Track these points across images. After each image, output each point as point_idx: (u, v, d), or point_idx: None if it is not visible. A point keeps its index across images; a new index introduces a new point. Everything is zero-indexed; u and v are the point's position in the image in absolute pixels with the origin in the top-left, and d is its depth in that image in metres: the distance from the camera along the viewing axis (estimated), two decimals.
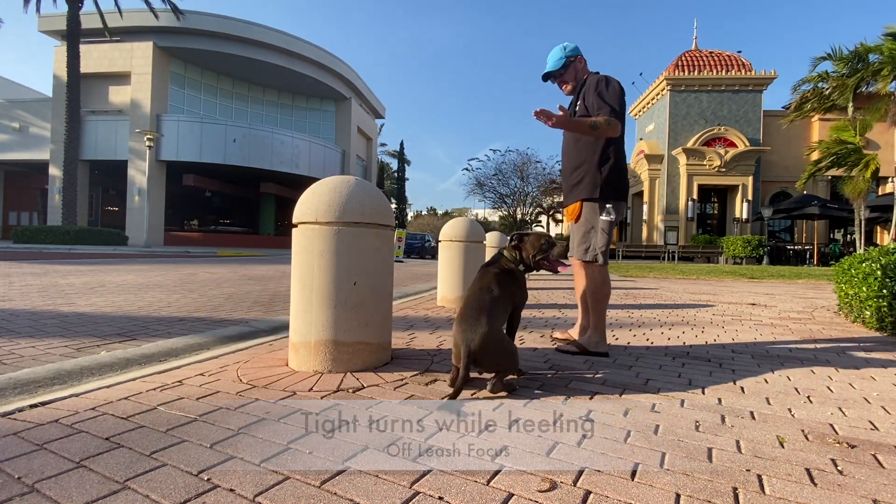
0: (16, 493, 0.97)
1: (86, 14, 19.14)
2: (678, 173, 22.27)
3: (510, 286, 1.89)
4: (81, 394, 1.57)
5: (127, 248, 17.15)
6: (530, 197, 36.01)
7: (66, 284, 5.21)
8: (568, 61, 2.50)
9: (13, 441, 1.21)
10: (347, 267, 1.92)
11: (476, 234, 4.37)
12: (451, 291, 4.25)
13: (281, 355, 2.15)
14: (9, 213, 26.63)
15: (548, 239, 1.99)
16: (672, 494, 1.03)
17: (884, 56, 11.76)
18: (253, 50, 22.95)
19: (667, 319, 3.75)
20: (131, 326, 3.01)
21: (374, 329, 2.01)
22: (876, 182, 14.20)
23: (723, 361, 2.34)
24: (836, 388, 1.92)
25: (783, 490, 1.06)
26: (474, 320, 1.67)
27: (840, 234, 24.23)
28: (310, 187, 2.01)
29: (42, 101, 22.31)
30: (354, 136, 29.38)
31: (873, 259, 3.53)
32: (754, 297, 5.81)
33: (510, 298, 1.88)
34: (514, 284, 1.91)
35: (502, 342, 1.71)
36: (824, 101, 13.65)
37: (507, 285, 1.87)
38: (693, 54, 22.81)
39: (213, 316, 3.52)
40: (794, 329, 3.40)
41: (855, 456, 1.26)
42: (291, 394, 1.63)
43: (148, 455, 1.15)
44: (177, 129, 21.34)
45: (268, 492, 1.00)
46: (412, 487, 1.03)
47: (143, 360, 2.18)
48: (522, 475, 1.10)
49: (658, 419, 1.49)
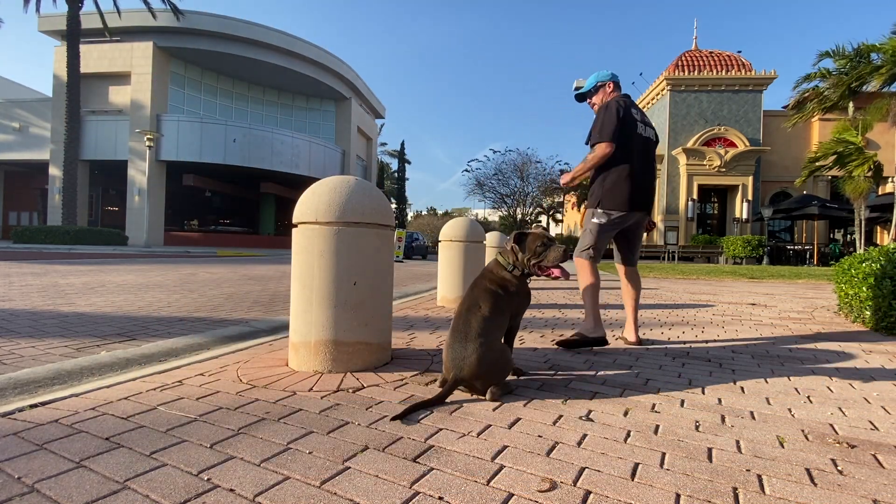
0: (16, 493, 0.97)
1: (86, 14, 19.15)
2: (678, 173, 22.27)
3: (503, 298, 1.75)
4: (81, 394, 1.57)
5: (127, 248, 17.15)
6: (530, 197, 35.99)
7: (66, 284, 5.21)
8: (598, 86, 2.81)
9: (13, 441, 1.21)
10: (347, 267, 1.92)
11: (476, 234, 4.37)
12: (451, 291, 4.26)
13: (281, 355, 2.15)
14: (9, 213, 26.63)
15: (544, 241, 1.82)
16: (672, 494, 1.03)
17: (886, 55, 11.75)
18: (253, 50, 22.96)
19: (667, 319, 3.75)
20: (131, 326, 3.01)
21: (374, 329, 2.01)
22: (876, 182, 14.17)
23: (723, 361, 2.34)
24: (836, 388, 1.92)
25: (783, 490, 1.06)
26: (461, 346, 1.60)
27: (840, 234, 24.23)
28: (310, 187, 2.01)
29: (42, 101, 22.32)
30: (354, 136, 29.38)
31: (873, 259, 3.53)
32: (754, 297, 5.81)
33: (505, 310, 1.75)
34: (507, 294, 1.77)
35: (493, 363, 1.61)
36: (824, 101, 13.64)
37: (499, 298, 1.74)
38: (693, 54, 22.81)
39: (213, 316, 3.52)
40: (794, 329, 3.40)
41: (855, 456, 1.26)
42: (291, 394, 1.63)
43: (148, 455, 1.15)
44: (177, 129, 21.35)
45: (268, 492, 1.00)
46: (412, 487, 1.03)
47: (143, 360, 2.18)
48: (522, 475, 1.10)
49: (658, 419, 1.49)
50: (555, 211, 39.96)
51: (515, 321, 1.87)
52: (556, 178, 35.86)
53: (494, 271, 1.84)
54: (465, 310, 1.70)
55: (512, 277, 1.82)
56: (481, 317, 1.66)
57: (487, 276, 1.83)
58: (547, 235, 1.86)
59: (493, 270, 1.85)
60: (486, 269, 1.87)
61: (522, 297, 1.85)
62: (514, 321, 1.86)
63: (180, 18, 20.56)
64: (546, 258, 1.81)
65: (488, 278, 1.82)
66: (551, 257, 1.81)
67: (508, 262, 1.83)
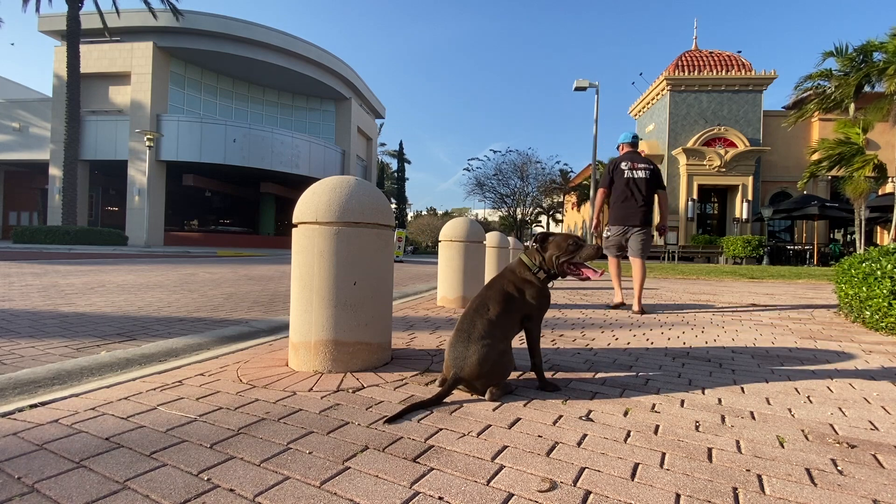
0: (16, 493, 0.97)
1: (86, 14, 19.15)
2: (678, 173, 22.27)
3: (516, 300, 1.72)
4: (81, 394, 1.57)
5: (127, 248, 17.15)
6: (530, 197, 36.02)
7: (67, 284, 5.21)
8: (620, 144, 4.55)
9: (13, 441, 1.21)
10: (347, 267, 1.92)
11: (476, 234, 4.37)
12: (451, 291, 4.25)
13: (281, 355, 2.15)
14: (9, 213, 26.64)
15: (576, 240, 1.79)
16: (672, 494, 1.03)
17: (888, 55, 11.75)
18: (253, 50, 22.96)
19: (667, 319, 3.75)
20: (131, 326, 3.01)
21: (374, 329, 2.01)
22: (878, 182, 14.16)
23: (723, 361, 2.34)
24: (836, 387, 1.92)
25: (783, 490, 1.06)
26: (463, 346, 1.59)
27: (840, 234, 24.23)
28: (310, 187, 2.01)
29: (42, 101, 22.33)
30: (354, 136, 29.39)
31: (873, 259, 3.53)
32: (754, 297, 5.81)
33: (516, 312, 1.72)
34: (522, 296, 1.74)
35: (493, 364, 1.59)
36: (826, 101, 13.64)
37: (511, 300, 1.71)
38: (693, 54, 22.81)
39: (213, 316, 3.52)
40: (794, 329, 3.40)
41: (855, 456, 1.26)
42: (291, 394, 1.63)
43: (148, 455, 1.15)
44: (177, 129, 21.36)
45: (268, 492, 1.00)
46: (412, 487, 1.03)
47: (143, 360, 2.18)
48: (522, 475, 1.10)
49: (658, 419, 1.49)
50: (555, 211, 39.96)
51: (531, 327, 1.79)
52: (556, 178, 35.89)
53: (517, 271, 1.80)
54: (473, 310, 1.69)
55: (534, 279, 1.78)
56: (487, 319, 1.65)
57: (507, 276, 1.80)
58: (576, 235, 1.84)
59: (516, 271, 1.81)
60: (508, 269, 1.84)
61: (542, 298, 1.80)
62: (529, 325, 1.78)
63: (180, 18, 20.56)
64: (580, 255, 1.77)
65: (508, 278, 1.79)
66: (585, 254, 1.77)
67: (534, 264, 1.80)
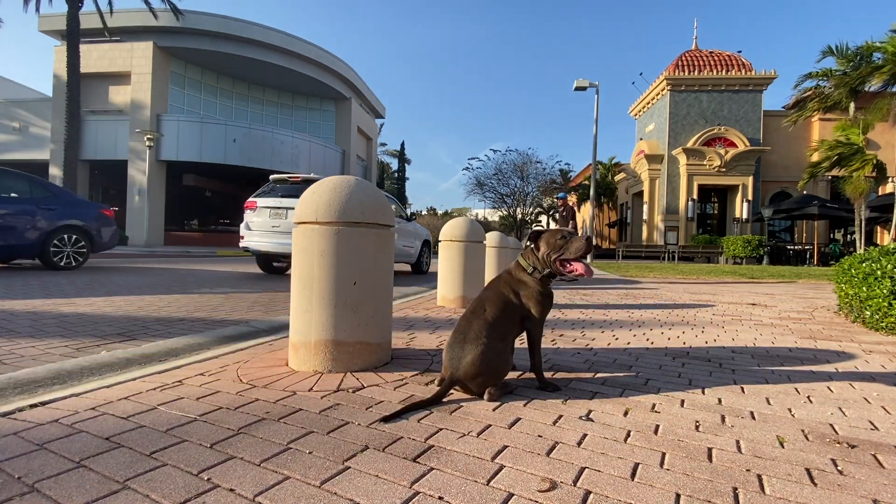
0: (16, 493, 0.97)
1: (85, 14, 19.14)
2: (678, 173, 22.28)
3: (513, 302, 1.71)
4: (81, 394, 1.57)
5: (127, 247, 17.14)
6: (530, 197, 36.01)
7: (67, 284, 5.21)
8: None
9: (13, 441, 1.21)
10: (347, 267, 1.92)
11: (476, 233, 4.37)
12: (451, 291, 4.25)
13: (281, 355, 2.15)
14: None
15: (564, 234, 1.72)
16: (672, 494, 1.03)
17: (887, 54, 11.75)
18: (253, 50, 22.95)
19: (667, 319, 3.75)
20: (131, 326, 3.01)
21: (374, 329, 2.01)
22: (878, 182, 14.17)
23: (723, 361, 2.34)
24: (836, 387, 1.91)
25: (783, 490, 1.06)
26: (460, 348, 1.59)
27: (840, 234, 24.23)
28: (310, 187, 2.01)
29: (42, 101, 22.31)
30: (354, 136, 29.38)
31: (873, 259, 3.53)
32: (754, 297, 5.80)
33: (514, 314, 1.71)
34: (519, 297, 1.72)
35: (488, 365, 1.57)
36: (825, 100, 13.65)
37: (508, 302, 1.70)
38: (693, 54, 22.82)
39: (213, 316, 3.52)
40: (794, 329, 3.40)
41: (855, 456, 1.26)
42: (291, 394, 1.63)
43: (148, 455, 1.15)
44: (177, 129, 21.34)
45: (268, 492, 1.00)
46: (412, 487, 1.03)
47: (143, 359, 2.18)
48: (522, 475, 1.10)
49: (658, 419, 1.49)
50: (555, 211, 39.95)
51: (531, 329, 1.75)
52: (556, 177, 35.88)
53: (513, 273, 1.79)
54: (471, 311, 1.70)
55: (531, 279, 1.75)
56: (484, 320, 1.65)
57: (504, 278, 1.79)
58: (566, 230, 1.78)
59: (513, 272, 1.80)
60: (506, 271, 1.84)
61: (543, 298, 1.75)
62: (530, 326, 1.75)
63: (180, 18, 20.54)
64: (567, 250, 1.71)
65: (504, 280, 1.79)
66: (573, 248, 1.71)
67: (528, 264, 1.78)
